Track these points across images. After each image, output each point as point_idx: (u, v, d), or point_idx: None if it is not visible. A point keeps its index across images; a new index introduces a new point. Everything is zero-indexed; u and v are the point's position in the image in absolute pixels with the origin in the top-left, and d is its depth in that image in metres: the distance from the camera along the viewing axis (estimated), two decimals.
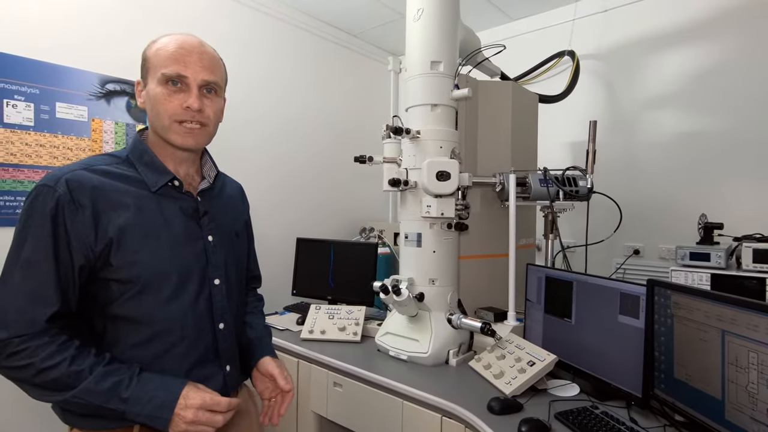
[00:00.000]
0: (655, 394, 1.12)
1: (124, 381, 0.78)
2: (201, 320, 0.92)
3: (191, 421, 0.77)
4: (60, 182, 0.80)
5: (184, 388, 0.81)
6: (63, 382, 0.75)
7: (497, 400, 1.21)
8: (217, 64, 0.94)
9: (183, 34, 0.93)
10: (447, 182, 1.49)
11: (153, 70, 0.89)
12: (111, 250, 0.81)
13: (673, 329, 1.06)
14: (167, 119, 0.88)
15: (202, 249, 0.93)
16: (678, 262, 1.55)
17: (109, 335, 0.84)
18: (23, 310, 0.76)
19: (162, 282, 0.86)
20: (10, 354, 0.75)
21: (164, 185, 0.90)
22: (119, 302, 0.83)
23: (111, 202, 0.83)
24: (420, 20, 1.60)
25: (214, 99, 0.93)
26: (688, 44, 2.22)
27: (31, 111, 1.78)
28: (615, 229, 1.78)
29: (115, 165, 0.89)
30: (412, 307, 1.55)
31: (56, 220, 0.78)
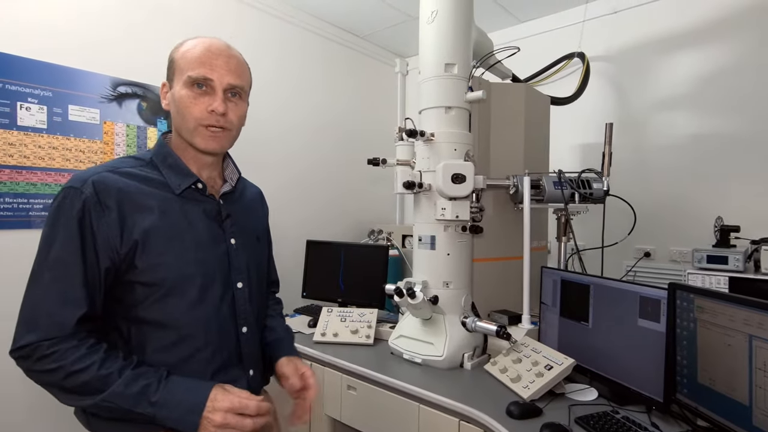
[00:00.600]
0: (677, 399, 1.11)
1: (153, 384, 0.78)
2: (225, 324, 0.92)
3: (220, 424, 0.77)
4: (87, 184, 0.80)
5: (212, 391, 0.80)
6: (92, 385, 0.75)
7: (516, 404, 1.20)
8: (243, 68, 0.94)
9: (210, 37, 0.93)
10: (462, 185, 1.48)
11: (179, 73, 0.89)
12: (136, 253, 0.81)
13: (696, 333, 1.05)
14: (192, 122, 0.88)
15: (225, 252, 0.93)
16: (695, 265, 1.54)
17: (134, 339, 0.84)
18: (52, 313, 0.76)
19: (186, 285, 0.86)
20: (40, 357, 0.75)
21: (188, 188, 0.91)
22: (144, 305, 0.83)
23: (136, 204, 0.83)
24: (434, 22, 1.59)
25: (238, 103, 0.93)
26: (699, 45, 2.21)
27: (44, 114, 1.79)
28: (629, 231, 1.77)
29: (140, 167, 0.89)
30: (426, 310, 1.55)
31: (83, 221, 0.79)
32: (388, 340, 1.71)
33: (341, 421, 1.62)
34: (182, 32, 2.16)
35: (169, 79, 0.93)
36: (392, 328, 1.85)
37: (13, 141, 1.71)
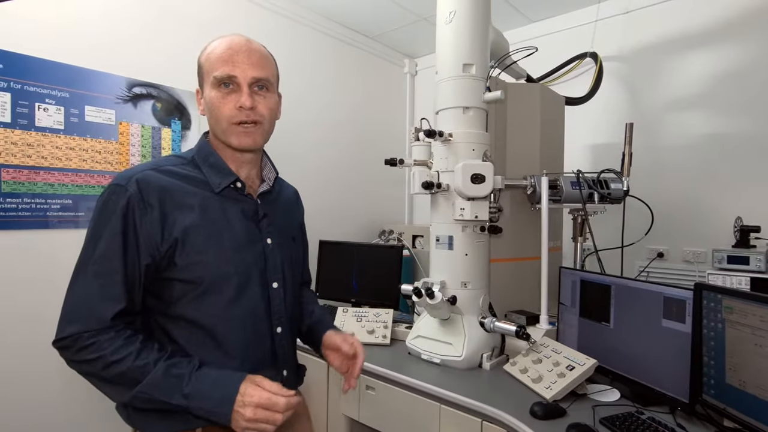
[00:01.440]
0: (703, 400, 1.10)
1: (185, 376, 0.79)
2: (260, 324, 0.92)
3: (250, 419, 0.77)
4: (131, 182, 0.82)
5: (242, 384, 0.80)
6: (129, 376, 0.76)
7: (540, 404, 1.20)
8: (266, 60, 0.93)
9: (231, 34, 0.93)
10: (482, 185, 1.48)
11: (206, 76, 0.91)
12: (176, 250, 0.83)
13: (724, 334, 1.04)
14: (224, 122, 0.89)
15: (261, 252, 0.94)
16: (715, 265, 1.54)
17: (173, 336, 0.85)
18: (92, 306, 0.78)
19: (223, 284, 0.86)
20: (81, 348, 0.77)
21: (227, 187, 0.91)
22: (182, 303, 0.84)
23: (177, 202, 0.85)
24: (452, 23, 1.59)
25: (266, 95, 0.92)
26: (712, 45, 2.20)
27: (61, 114, 1.79)
28: (646, 231, 1.77)
29: (182, 166, 0.90)
30: (444, 310, 1.55)
31: (126, 218, 0.80)
32: (405, 340, 1.71)
33: (359, 421, 1.62)
34: (194, 32, 2.21)
35: (200, 84, 0.94)
36: (408, 329, 1.85)
37: (31, 141, 1.72)
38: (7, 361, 1.67)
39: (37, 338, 1.73)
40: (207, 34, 2.21)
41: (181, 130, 2.19)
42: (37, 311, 1.74)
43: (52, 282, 1.77)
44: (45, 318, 1.74)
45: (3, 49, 1.65)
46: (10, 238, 1.67)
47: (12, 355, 1.68)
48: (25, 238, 1.71)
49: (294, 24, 2.66)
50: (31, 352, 1.72)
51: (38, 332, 1.73)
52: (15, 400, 1.68)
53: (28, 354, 1.71)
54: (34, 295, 1.73)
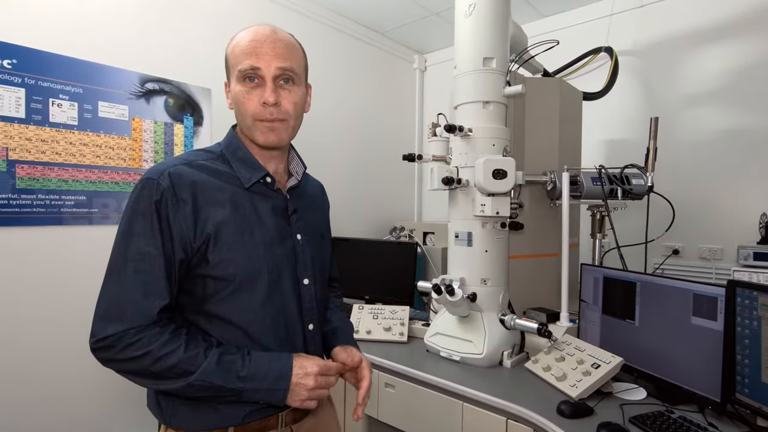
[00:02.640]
0: (736, 399, 1.08)
1: (237, 360, 0.80)
2: (292, 321, 0.91)
3: (313, 387, 0.81)
4: (164, 176, 0.80)
5: (295, 359, 0.83)
6: (181, 367, 0.76)
7: (567, 403, 1.18)
8: (291, 49, 0.89)
9: (256, 25, 0.90)
10: (503, 180, 1.46)
11: (232, 69, 0.88)
12: (208, 247, 0.81)
13: (760, 332, 1.02)
14: (249, 118, 0.87)
15: (292, 248, 0.92)
16: (740, 262, 1.51)
17: (211, 334, 0.84)
18: (136, 302, 0.77)
19: (255, 281, 0.85)
20: (126, 345, 0.75)
21: (257, 182, 0.90)
22: (215, 300, 0.83)
23: (209, 198, 0.83)
24: (472, 16, 1.57)
25: (292, 89, 0.88)
26: (729, 39, 2.17)
27: (75, 110, 1.78)
28: (667, 228, 1.75)
29: (211, 161, 0.89)
30: (464, 307, 1.53)
31: (160, 213, 0.79)
32: (423, 337, 1.70)
33: (378, 419, 1.60)
34: (205, 28, 2.19)
35: (227, 77, 0.92)
36: (424, 326, 1.83)
37: (45, 137, 1.70)
38: (18, 360, 1.66)
39: (47, 333, 1.72)
40: (219, 30, 2.23)
41: (194, 126, 2.17)
42: (51, 308, 1.73)
43: (66, 278, 1.76)
44: (58, 315, 1.74)
45: (17, 44, 1.64)
46: (24, 234, 1.66)
47: (23, 353, 1.67)
48: (40, 234, 1.70)
49: (304, 19, 2.64)
50: (41, 343, 1.71)
51: (52, 331, 1.73)
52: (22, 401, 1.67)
53: (40, 351, 1.70)
54: (47, 292, 1.72)
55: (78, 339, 1.78)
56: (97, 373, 1.82)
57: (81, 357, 1.79)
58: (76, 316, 1.78)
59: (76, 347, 1.78)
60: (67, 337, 1.75)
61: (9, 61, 1.62)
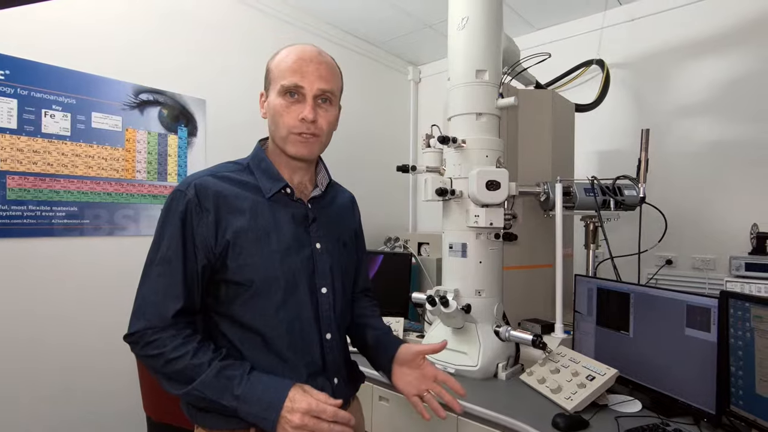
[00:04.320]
0: (730, 411, 1.08)
1: (236, 378, 0.80)
2: (308, 329, 0.92)
3: (297, 426, 0.77)
4: (190, 187, 0.87)
5: (291, 390, 0.81)
6: (186, 374, 0.80)
7: (562, 416, 1.17)
8: (333, 73, 0.95)
9: (302, 44, 0.95)
10: (497, 192, 1.46)
11: (274, 82, 0.92)
12: (228, 253, 0.86)
13: (753, 343, 1.02)
14: (285, 130, 0.91)
15: (309, 256, 0.94)
16: (732, 272, 1.52)
17: (230, 337, 0.88)
18: (156, 304, 0.83)
19: (271, 288, 0.88)
20: (146, 343, 0.81)
21: (277, 192, 0.93)
22: (235, 305, 0.87)
23: (230, 206, 0.88)
24: (465, 29, 1.59)
25: (328, 109, 0.94)
26: (720, 52, 2.21)
27: (68, 121, 1.77)
28: (660, 238, 1.76)
29: (237, 172, 0.94)
30: (459, 319, 1.52)
31: (185, 222, 0.85)
32: None
33: None
34: (200, 39, 2.20)
35: (265, 88, 0.96)
36: (419, 337, 1.82)
37: (37, 148, 1.69)
38: (9, 373, 1.63)
39: (38, 346, 1.70)
40: (214, 41, 2.24)
41: (188, 137, 2.17)
42: (42, 320, 1.70)
43: (57, 290, 1.74)
44: (48, 326, 1.71)
45: (10, 55, 1.64)
46: (15, 245, 1.64)
47: (15, 365, 1.64)
48: (30, 246, 1.68)
49: (299, 31, 2.66)
50: (33, 356, 1.68)
51: (40, 340, 1.70)
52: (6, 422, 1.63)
53: (28, 359, 1.67)
54: (38, 304, 1.69)
55: (70, 352, 1.75)
56: (87, 393, 1.80)
57: (73, 369, 1.76)
58: (68, 328, 1.76)
59: (67, 360, 1.75)
60: (59, 349, 1.72)
61: (2, 72, 1.62)
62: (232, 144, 2.29)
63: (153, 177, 2.03)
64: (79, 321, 1.79)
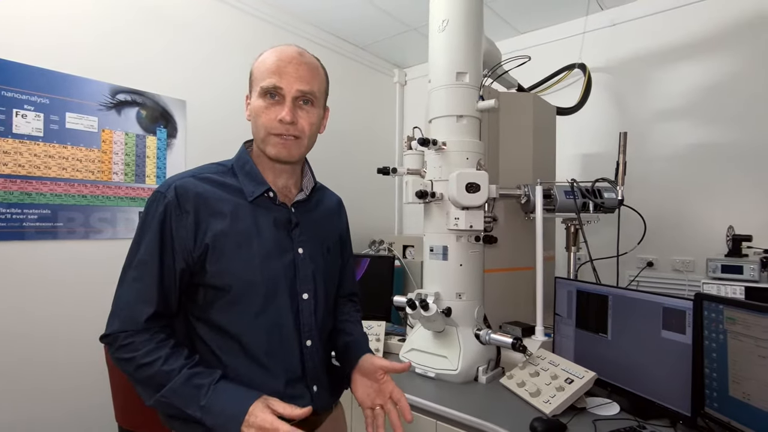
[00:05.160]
0: (706, 413, 1.08)
1: (204, 387, 0.79)
2: (288, 335, 0.90)
3: None
4: (170, 189, 0.85)
5: (252, 405, 0.77)
6: (156, 380, 0.78)
7: (540, 420, 1.16)
8: (315, 74, 0.93)
9: (284, 45, 0.94)
10: (477, 194, 1.45)
11: (255, 84, 0.91)
12: (207, 257, 0.84)
13: (726, 345, 1.03)
14: (263, 131, 0.90)
15: (291, 261, 0.92)
16: (709, 274, 1.53)
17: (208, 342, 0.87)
18: (130, 308, 0.82)
19: (251, 293, 0.86)
20: (120, 346, 0.80)
21: (260, 195, 0.91)
22: (213, 309, 0.86)
23: (211, 209, 0.86)
24: (445, 31, 1.59)
25: (310, 110, 0.92)
26: (698, 57, 2.24)
27: (40, 121, 1.73)
28: (639, 240, 1.77)
29: (220, 174, 0.92)
30: (439, 322, 1.51)
31: (164, 224, 0.84)
32: (399, 353, 1.67)
33: None
34: (180, 39, 2.17)
35: (249, 90, 0.95)
36: (400, 341, 1.80)
37: (7, 149, 1.64)
38: None
39: (6, 357, 1.64)
40: (193, 41, 2.21)
41: (167, 138, 2.13)
42: (12, 326, 1.65)
43: (28, 294, 1.69)
44: (19, 333, 1.66)
45: None
46: None
47: None
48: (0, 250, 1.62)
49: (283, 32, 2.63)
50: (1, 365, 1.62)
51: (9, 351, 1.65)
52: None
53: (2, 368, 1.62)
54: (7, 310, 1.64)
55: (43, 359, 1.70)
56: (58, 402, 1.75)
57: (47, 375, 1.71)
58: (41, 334, 1.70)
59: (40, 367, 1.70)
60: (31, 357, 1.67)
61: None
62: (213, 146, 2.25)
63: (131, 179, 1.99)
64: (53, 327, 1.74)
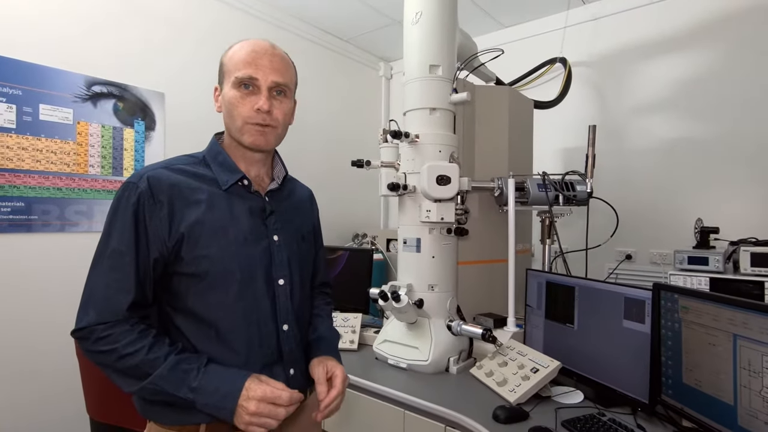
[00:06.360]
0: (662, 400, 1.10)
1: (193, 371, 0.80)
2: (264, 320, 0.92)
3: (253, 412, 0.79)
4: (142, 179, 0.85)
5: (247, 380, 0.82)
6: (141, 369, 0.79)
7: (502, 408, 1.18)
8: (287, 66, 0.96)
9: (256, 38, 0.96)
10: (447, 186, 1.46)
11: (228, 75, 0.92)
12: (182, 245, 0.85)
13: (680, 334, 1.05)
14: (240, 121, 0.91)
15: (266, 248, 0.94)
16: (676, 266, 1.55)
17: (184, 330, 0.87)
18: (108, 298, 0.81)
19: (227, 279, 0.88)
20: (98, 339, 0.79)
21: (234, 184, 0.93)
22: (189, 297, 0.87)
23: (185, 199, 0.87)
24: (418, 23, 1.59)
25: (283, 101, 0.95)
26: (676, 52, 2.26)
27: (13, 113, 1.71)
28: (612, 233, 1.78)
29: (193, 165, 0.93)
30: (411, 313, 1.52)
31: (137, 214, 0.84)
32: (373, 345, 1.68)
33: (326, 430, 1.57)
34: (160, 31, 2.15)
35: (219, 82, 0.96)
36: (377, 333, 1.82)
37: None
38: None
39: None
40: (173, 33, 2.20)
41: (145, 131, 2.12)
42: None
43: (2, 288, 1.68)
44: None
45: None
46: None
47: None
48: None
49: (266, 25, 2.62)
50: None
51: None
52: None
53: None
54: None
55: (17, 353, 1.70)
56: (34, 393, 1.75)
57: (20, 371, 1.71)
58: (14, 329, 1.70)
59: (13, 362, 1.70)
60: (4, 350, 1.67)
61: None
62: (193, 138, 2.20)
63: (108, 171, 1.98)
64: (28, 321, 1.74)
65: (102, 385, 1.37)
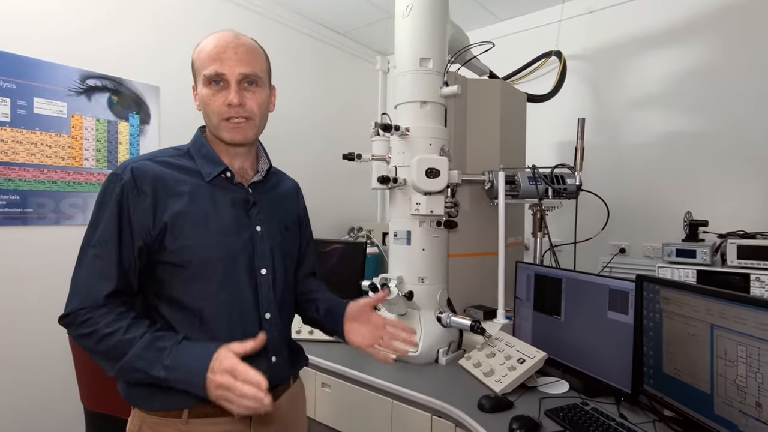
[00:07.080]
0: (644, 390, 1.12)
1: (168, 348, 0.81)
2: (247, 309, 0.94)
3: (218, 384, 0.76)
4: (126, 171, 0.87)
5: (216, 352, 0.79)
6: (118, 350, 0.80)
7: (488, 398, 1.20)
8: (253, 54, 0.94)
9: (220, 30, 0.95)
10: (436, 179, 1.47)
11: (198, 73, 0.93)
12: (165, 235, 0.87)
13: (661, 324, 1.06)
14: (216, 118, 0.92)
15: (249, 238, 0.95)
16: (664, 259, 1.56)
17: (168, 319, 0.89)
18: (90, 285, 0.84)
19: (209, 269, 0.89)
20: (80, 323, 0.82)
21: (217, 176, 0.94)
22: (173, 285, 0.88)
23: (169, 190, 0.89)
24: (409, 16, 1.59)
25: (256, 91, 0.94)
26: (672, 46, 2.25)
27: (7, 106, 1.73)
28: (603, 226, 1.79)
29: (177, 157, 0.95)
30: (401, 305, 1.54)
31: (121, 205, 0.86)
32: None
33: (315, 420, 1.60)
34: (155, 24, 2.15)
35: (194, 81, 0.97)
36: None
37: None
38: None
39: None
40: (170, 27, 2.20)
41: (140, 125, 2.13)
42: None
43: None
44: None
45: None
46: None
47: None
48: None
49: (262, 18, 2.62)
50: None
51: None
52: None
53: None
54: None
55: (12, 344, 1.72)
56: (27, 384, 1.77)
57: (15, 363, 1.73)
58: (10, 321, 1.72)
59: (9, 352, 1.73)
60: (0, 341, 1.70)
61: None
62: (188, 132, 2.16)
63: (103, 165, 2.00)
64: (23, 313, 1.76)
65: (94, 375, 1.40)
